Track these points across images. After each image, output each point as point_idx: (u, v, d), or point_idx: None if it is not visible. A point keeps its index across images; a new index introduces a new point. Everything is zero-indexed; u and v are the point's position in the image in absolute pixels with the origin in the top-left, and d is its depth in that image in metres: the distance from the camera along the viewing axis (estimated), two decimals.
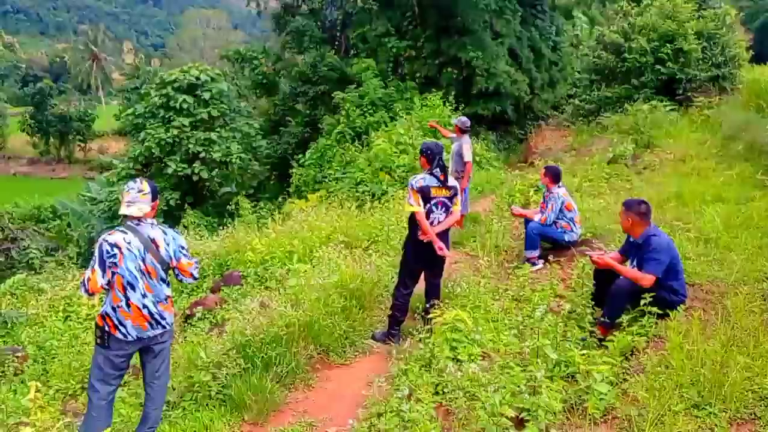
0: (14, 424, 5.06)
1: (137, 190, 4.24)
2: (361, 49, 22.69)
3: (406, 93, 20.37)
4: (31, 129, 58.88)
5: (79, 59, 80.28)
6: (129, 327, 4.18)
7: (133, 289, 4.15)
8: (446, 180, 5.86)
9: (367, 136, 17.94)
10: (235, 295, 8.40)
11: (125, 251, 4.11)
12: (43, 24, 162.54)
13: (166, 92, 17.90)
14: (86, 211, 22.24)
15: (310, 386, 5.37)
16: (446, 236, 6.02)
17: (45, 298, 9.75)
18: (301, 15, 24.98)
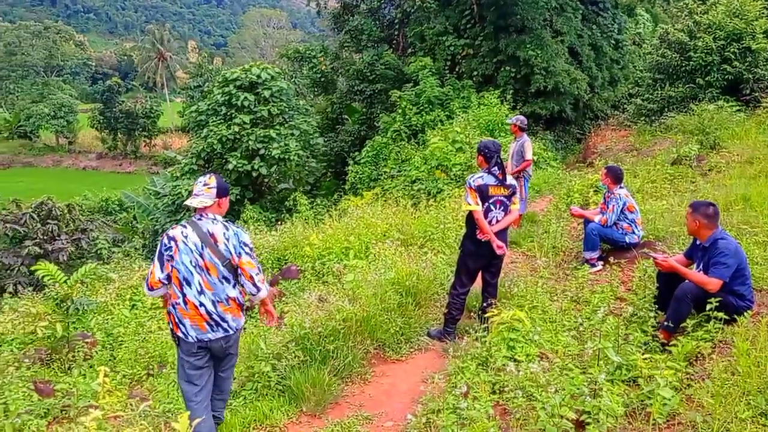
0: (84, 407, 5.29)
1: (203, 183, 4.24)
2: (418, 48, 22.69)
3: (462, 91, 20.26)
4: (99, 125, 61.17)
5: (146, 58, 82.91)
6: (187, 326, 4.12)
7: (188, 285, 4.09)
8: (504, 178, 5.84)
9: (423, 135, 17.94)
10: (293, 289, 8.55)
11: (181, 245, 4.08)
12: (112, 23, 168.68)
13: (228, 90, 18.28)
14: (151, 204, 22.97)
15: (366, 380, 5.45)
16: (504, 235, 5.99)
17: (113, 287, 10.12)
18: (359, 14, 25.14)
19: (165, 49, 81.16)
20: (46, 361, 7.16)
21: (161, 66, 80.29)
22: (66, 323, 7.07)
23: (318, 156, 21.37)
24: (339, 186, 21.38)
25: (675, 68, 18.20)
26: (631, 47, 27.12)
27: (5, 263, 15.50)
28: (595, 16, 23.47)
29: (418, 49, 22.66)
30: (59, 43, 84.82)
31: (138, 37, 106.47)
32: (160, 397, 5.52)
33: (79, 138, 66.67)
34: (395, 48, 24.58)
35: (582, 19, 22.56)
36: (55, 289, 7.70)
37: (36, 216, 16.49)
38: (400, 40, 24.70)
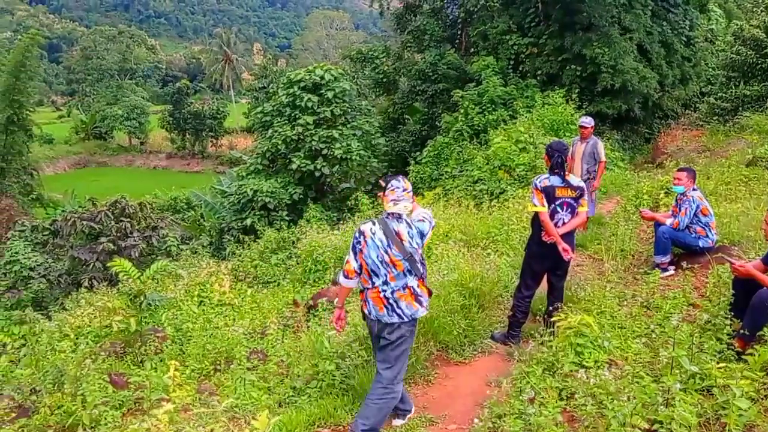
0: (156, 399, 5.47)
1: (402, 189, 4.47)
2: (481, 47, 22.50)
3: (526, 91, 19.98)
4: (169, 126, 63.22)
5: (214, 60, 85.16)
6: (371, 306, 4.53)
7: (376, 275, 4.45)
8: (571, 180, 5.73)
9: (486, 135, 17.78)
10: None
11: (369, 240, 4.42)
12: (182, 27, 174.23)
13: (293, 91, 18.60)
14: (217, 203, 23.57)
15: (429, 382, 5.43)
16: (571, 238, 5.87)
17: (182, 283, 10.47)
18: (422, 14, 25.14)
19: (231, 52, 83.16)
20: (119, 354, 7.45)
21: (228, 68, 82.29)
22: (139, 318, 7.34)
23: (379, 156, 21.47)
24: None
25: (750, 66, 17.47)
26: (703, 44, 26.10)
27: (82, 259, 16.21)
28: (666, 13, 22.69)
29: (480, 49, 22.48)
30: (132, 47, 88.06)
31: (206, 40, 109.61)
32: (228, 393, 5.64)
33: (150, 138, 69.09)
34: (458, 48, 24.45)
35: (652, 16, 21.85)
36: (129, 284, 8.01)
37: (110, 214, 17.16)
38: (462, 39, 24.55)
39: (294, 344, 6.73)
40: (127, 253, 16.02)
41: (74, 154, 64.02)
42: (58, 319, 9.49)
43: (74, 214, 17.14)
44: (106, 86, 71.37)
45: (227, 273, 11.49)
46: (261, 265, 12.43)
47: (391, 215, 4.45)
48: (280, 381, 5.77)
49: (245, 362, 6.12)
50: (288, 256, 12.66)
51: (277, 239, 13.57)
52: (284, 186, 17.92)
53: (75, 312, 9.81)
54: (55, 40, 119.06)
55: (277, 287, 11.16)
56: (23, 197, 33.85)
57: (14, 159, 32.96)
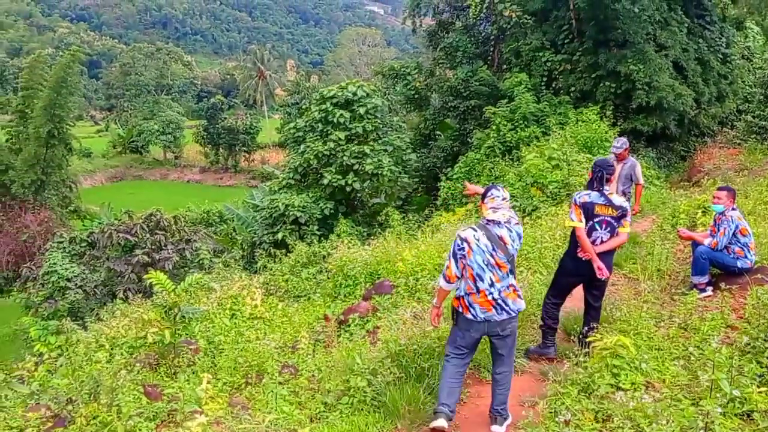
0: (190, 412, 5.51)
1: (501, 198, 4.82)
2: (514, 64, 22.47)
3: (559, 107, 19.85)
4: (203, 140, 64.37)
5: (248, 76, 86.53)
6: (477, 309, 4.75)
7: (481, 279, 4.71)
8: (613, 199, 5.70)
9: (518, 151, 17.67)
10: (386, 304, 8.60)
11: (473, 246, 4.70)
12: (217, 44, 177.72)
13: (325, 107, 18.79)
14: (249, 217, 23.83)
15: (461, 401, 5.38)
16: (609, 258, 5.81)
17: (214, 296, 10.56)
18: (455, 31, 25.22)
19: (265, 68, 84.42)
20: (153, 366, 7.54)
21: (261, 84, 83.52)
22: (173, 330, 7.42)
23: (410, 171, 21.52)
24: (430, 201, 21.41)
25: None
26: (740, 62, 25.66)
27: (117, 270, 16.54)
28: (702, 30, 22.39)
29: (513, 65, 22.44)
30: (169, 64, 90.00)
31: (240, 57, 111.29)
32: (260, 407, 5.67)
33: (184, 153, 70.39)
34: (490, 64, 24.44)
35: (687, 33, 21.59)
36: (164, 297, 8.12)
37: (146, 226, 17.50)
38: (495, 56, 24.55)
39: (325, 359, 6.74)
40: (161, 265, 16.29)
41: (111, 168, 65.52)
42: (94, 330, 9.66)
43: (111, 227, 17.51)
44: (143, 101, 73.02)
45: (259, 287, 11.56)
46: (292, 279, 12.49)
47: (491, 221, 4.75)
48: (311, 396, 5.78)
49: (277, 376, 6.14)
50: (318, 271, 12.70)
51: (307, 253, 13.64)
52: (315, 201, 18.05)
53: (110, 323, 9.97)
54: (95, 57, 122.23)
55: (308, 301, 11.19)
56: (62, 209, 34.67)
57: (54, 172, 33.78)
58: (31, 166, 32.09)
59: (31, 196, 32.69)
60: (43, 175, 32.80)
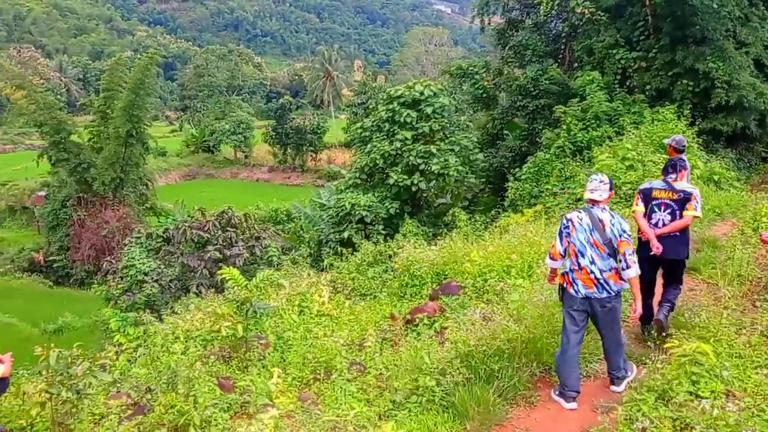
0: (262, 404, 5.63)
1: (599, 181, 5.39)
2: (586, 62, 21.92)
3: (633, 106, 19.23)
4: (272, 140, 65.76)
5: (315, 77, 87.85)
6: (579, 285, 5.30)
7: (582, 255, 5.28)
8: (675, 184, 6.16)
9: (589, 151, 17.25)
10: (453, 305, 8.55)
11: (576, 225, 5.33)
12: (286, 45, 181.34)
13: (392, 107, 18.82)
14: (316, 215, 24.17)
15: (532, 404, 5.30)
16: (676, 241, 6.09)
17: (283, 293, 10.75)
18: (524, 29, 24.84)
19: (332, 69, 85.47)
20: (225, 359, 7.75)
21: (328, 84, 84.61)
22: (245, 324, 7.61)
23: (477, 172, 21.33)
24: (497, 202, 21.14)
25: None
26: None
27: (190, 265, 17.09)
28: None
29: (585, 63, 21.90)
30: (240, 65, 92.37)
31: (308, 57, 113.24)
32: (329, 403, 5.74)
33: (253, 152, 72.08)
34: (561, 62, 23.95)
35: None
36: (236, 292, 8.33)
37: (218, 223, 18.01)
38: (566, 54, 24.04)
39: (393, 358, 6.76)
40: (232, 261, 16.74)
41: (184, 166, 67.79)
42: (170, 322, 10.00)
43: (185, 223, 18.11)
44: (215, 102, 75.17)
45: (326, 284, 11.71)
46: (358, 277, 12.57)
47: (596, 205, 5.31)
48: (379, 394, 5.81)
49: (345, 373, 6.20)
50: (384, 270, 12.74)
51: (373, 252, 13.70)
52: (381, 200, 18.12)
53: (185, 316, 10.31)
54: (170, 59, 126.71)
55: (374, 300, 11.24)
56: (139, 206, 36.17)
57: (132, 170, 35.25)
58: (111, 164, 33.57)
59: (110, 193, 34.22)
60: (122, 173, 34.27)
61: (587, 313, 5.33)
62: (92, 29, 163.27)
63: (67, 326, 22.80)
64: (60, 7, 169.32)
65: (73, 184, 34.45)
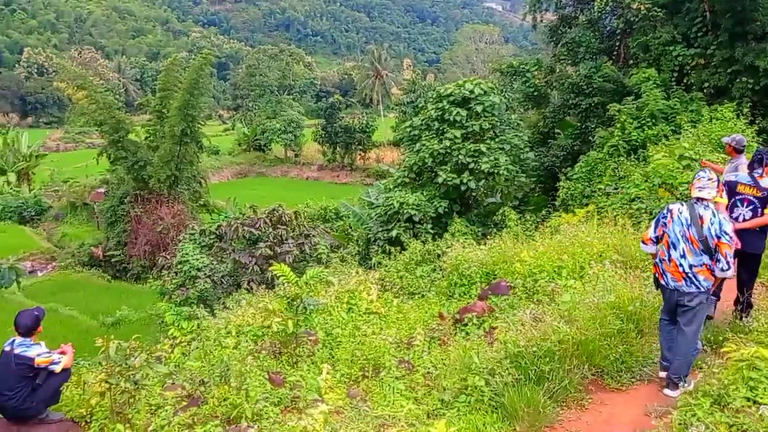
0: (312, 400, 5.71)
1: (707, 179, 5.45)
2: (641, 59, 21.37)
3: (691, 105, 18.67)
4: (321, 139, 66.42)
5: (365, 76, 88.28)
6: (668, 277, 5.48)
7: (674, 248, 5.43)
8: (761, 181, 6.18)
9: (644, 150, 16.82)
10: (502, 305, 8.48)
11: (675, 217, 5.46)
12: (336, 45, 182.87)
13: (442, 105, 18.73)
14: (365, 214, 24.28)
15: (583, 407, 5.23)
16: (755, 236, 6.17)
17: (332, 290, 10.86)
18: (578, 26, 24.40)
19: (382, 68, 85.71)
20: (276, 354, 7.88)
21: (378, 83, 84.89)
22: (296, 320, 7.72)
23: (527, 171, 21.06)
24: (548, 202, 20.84)
25: None
26: None
27: (242, 262, 17.41)
28: None
29: (640, 60, 21.36)
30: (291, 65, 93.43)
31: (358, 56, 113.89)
32: (377, 400, 5.77)
33: (303, 151, 72.94)
34: (615, 60, 23.43)
35: None
36: (286, 289, 8.46)
37: (269, 221, 18.29)
38: (621, 51, 23.49)
39: (441, 357, 6.76)
40: (282, 258, 16.97)
41: (236, 165, 69.11)
42: (222, 317, 10.23)
43: (237, 221, 18.46)
44: (267, 101, 76.27)
45: (374, 282, 11.77)
46: (406, 276, 12.59)
47: (699, 201, 5.37)
48: (427, 392, 5.82)
49: (394, 371, 6.23)
50: (433, 269, 12.73)
51: (422, 251, 13.69)
52: (430, 199, 18.06)
53: (236, 311, 10.53)
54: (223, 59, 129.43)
55: (422, 299, 11.25)
56: (192, 203, 37.03)
57: (186, 168, 36.10)
58: (167, 162, 34.44)
59: (165, 191, 35.13)
60: (177, 171, 35.13)
61: (674, 303, 5.53)
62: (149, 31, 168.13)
63: (124, 319, 23.55)
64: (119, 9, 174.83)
65: (131, 181, 35.48)
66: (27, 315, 6.10)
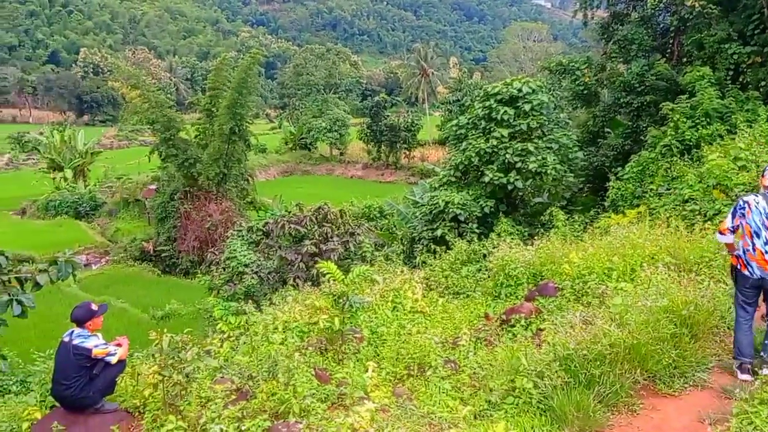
0: (358, 397, 5.74)
1: None
2: (695, 57, 20.78)
3: (747, 104, 18.04)
4: (366, 137, 66.76)
5: (411, 74, 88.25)
6: (754, 267, 5.64)
7: (757, 236, 5.62)
8: None
9: (698, 151, 16.35)
10: (550, 306, 8.37)
11: (753, 207, 5.68)
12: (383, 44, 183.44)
13: (489, 104, 18.57)
14: (409, 212, 24.25)
15: (634, 412, 5.12)
16: None
17: (377, 288, 10.90)
18: (630, 23, 23.87)
19: (428, 66, 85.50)
20: (322, 350, 7.95)
21: (424, 82, 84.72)
22: (341, 318, 7.78)
23: (576, 170, 20.71)
24: (597, 202, 20.44)
25: None
26: None
27: (288, 259, 17.63)
28: None
29: (695, 58, 20.76)
30: (337, 64, 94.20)
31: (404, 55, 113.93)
32: (423, 399, 5.77)
33: (348, 149, 73.42)
34: (668, 57, 22.85)
35: None
36: (332, 286, 8.53)
37: (314, 219, 18.47)
38: (674, 48, 22.90)
39: (487, 357, 6.71)
40: (327, 255, 17.11)
41: (282, 163, 70.04)
42: (268, 313, 10.38)
43: (283, 218, 18.69)
44: (313, 100, 77.03)
45: (419, 281, 11.76)
46: (452, 275, 12.53)
47: None
48: (473, 393, 5.78)
49: (440, 370, 6.21)
50: (478, 269, 12.64)
51: (467, 251, 13.61)
52: (475, 198, 17.94)
53: (282, 307, 10.67)
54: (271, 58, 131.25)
55: (468, 299, 11.19)
56: (240, 200, 37.67)
57: (234, 166, 36.73)
58: (215, 160, 35.11)
59: (214, 188, 35.83)
60: (225, 169, 35.77)
61: (760, 289, 5.71)
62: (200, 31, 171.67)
63: (173, 313, 24.14)
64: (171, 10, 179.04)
65: (181, 178, 36.30)
66: (81, 306, 6.31)
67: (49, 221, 45.52)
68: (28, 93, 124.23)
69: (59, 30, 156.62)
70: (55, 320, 20.66)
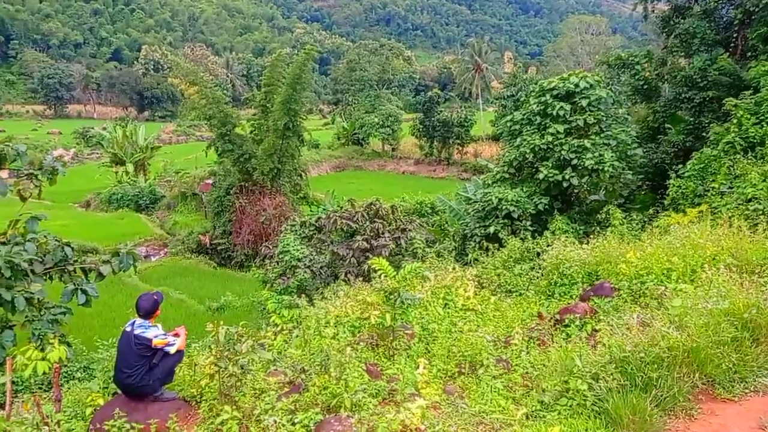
0: (409, 393, 5.77)
1: None
2: (761, 51, 19.98)
3: None
4: (419, 133, 66.64)
5: (464, 69, 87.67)
6: None
7: None
8: None
9: (762, 148, 15.74)
10: (606, 307, 8.21)
11: None
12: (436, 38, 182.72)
13: (545, 100, 18.27)
14: (461, 209, 24.13)
15: (692, 417, 4.98)
16: None
17: (428, 285, 10.89)
18: (692, 16, 23.11)
19: (482, 61, 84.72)
20: (373, 346, 8.01)
21: (477, 77, 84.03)
22: (393, 314, 7.81)
23: (634, 168, 20.18)
24: (656, 201, 19.89)
25: None
26: None
27: (340, 254, 17.79)
28: None
29: (760, 53, 19.96)
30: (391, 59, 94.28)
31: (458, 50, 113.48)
32: (475, 397, 5.74)
33: (400, 145, 73.48)
34: (732, 52, 22.02)
35: None
36: (384, 282, 8.57)
37: (366, 214, 18.58)
38: (738, 42, 22.05)
39: (540, 357, 6.63)
40: (378, 251, 17.19)
41: (335, 158, 70.63)
42: (321, 307, 10.51)
43: (335, 213, 18.87)
44: (366, 96, 77.32)
45: (471, 279, 11.70)
46: (504, 273, 12.42)
47: None
48: (526, 393, 5.73)
49: (492, 369, 6.18)
50: (532, 267, 12.49)
51: (521, 249, 13.47)
52: (529, 196, 17.70)
53: (334, 302, 10.79)
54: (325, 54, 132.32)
55: (521, 297, 11.07)
56: (293, 195, 38.19)
57: (288, 161, 37.23)
58: (270, 155, 35.66)
59: (268, 183, 36.42)
60: (279, 164, 36.30)
61: None
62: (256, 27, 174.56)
63: (228, 305, 24.69)
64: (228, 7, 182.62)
65: (236, 173, 37.03)
66: (147, 299, 6.52)
67: (112, 213, 47.21)
68: (93, 89, 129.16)
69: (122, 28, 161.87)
70: (116, 310, 21.42)
